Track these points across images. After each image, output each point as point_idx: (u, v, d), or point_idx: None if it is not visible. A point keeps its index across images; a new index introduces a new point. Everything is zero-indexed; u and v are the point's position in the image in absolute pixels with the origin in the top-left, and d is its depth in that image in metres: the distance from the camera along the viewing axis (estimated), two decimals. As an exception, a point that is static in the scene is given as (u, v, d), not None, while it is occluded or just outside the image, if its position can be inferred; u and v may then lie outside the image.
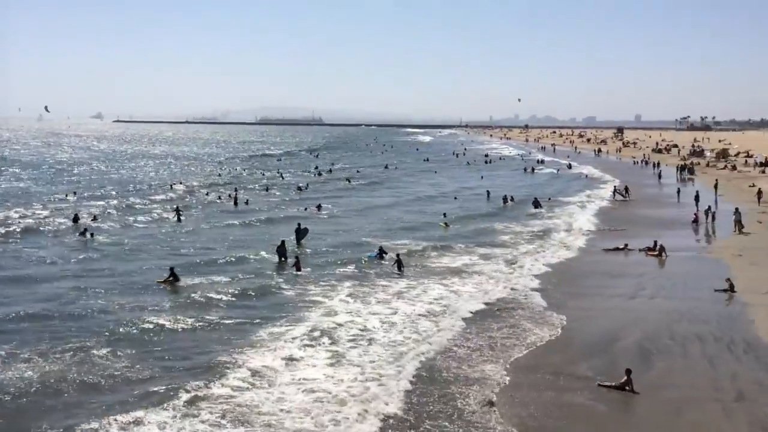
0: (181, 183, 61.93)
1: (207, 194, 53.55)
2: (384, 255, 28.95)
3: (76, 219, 37.89)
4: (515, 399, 14.52)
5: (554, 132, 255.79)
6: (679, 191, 52.56)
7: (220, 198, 51.48)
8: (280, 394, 14.55)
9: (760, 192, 46.87)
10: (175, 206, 43.39)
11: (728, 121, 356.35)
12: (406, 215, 44.13)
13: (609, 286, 24.78)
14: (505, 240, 34.28)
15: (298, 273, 26.12)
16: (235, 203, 48.01)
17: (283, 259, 28.29)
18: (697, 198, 44.61)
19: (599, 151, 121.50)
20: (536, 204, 46.63)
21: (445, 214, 41.93)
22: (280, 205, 48.69)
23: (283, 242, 29.22)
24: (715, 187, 52.39)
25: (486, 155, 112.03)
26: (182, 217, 40.14)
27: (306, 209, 45.42)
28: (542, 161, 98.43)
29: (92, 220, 38.48)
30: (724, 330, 18.94)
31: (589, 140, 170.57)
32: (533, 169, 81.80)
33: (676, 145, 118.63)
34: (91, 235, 33.36)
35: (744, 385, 14.94)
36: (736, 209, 37.05)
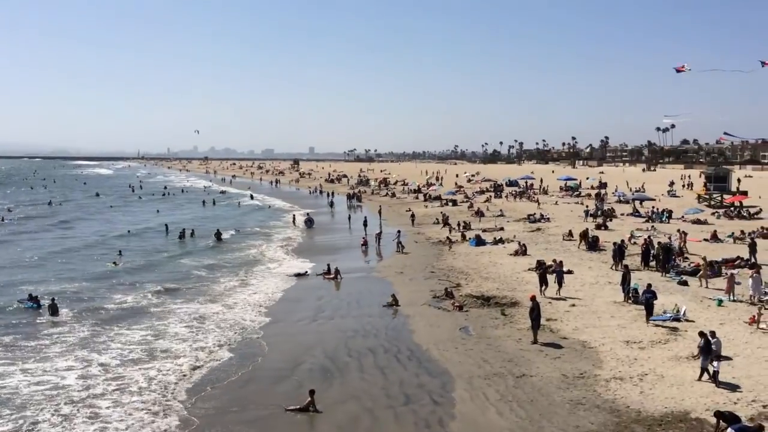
0: None
1: None
2: (40, 303, 25.75)
3: None
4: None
5: (234, 164, 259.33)
6: (350, 218, 57.31)
7: None
8: None
9: (413, 215, 53.88)
10: None
11: (387, 153, 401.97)
12: (74, 256, 40.15)
13: (294, 310, 25.79)
14: (202, 276, 33.34)
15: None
16: None
17: None
18: (365, 223, 49.25)
19: (278, 182, 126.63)
20: (218, 236, 46.40)
21: (120, 252, 39.33)
22: None
23: None
24: (379, 212, 58.53)
25: (165, 188, 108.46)
26: None
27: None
28: (224, 192, 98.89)
29: None
30: (391, 341, 21.09)
31: (268, 171, 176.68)
32: (214, 202, 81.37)
33: (345, 175, 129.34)
34: None
35: (409, 389, 16.82)
36: (398, 231, 41.90)
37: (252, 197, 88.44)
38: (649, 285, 22.17)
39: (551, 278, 25.85)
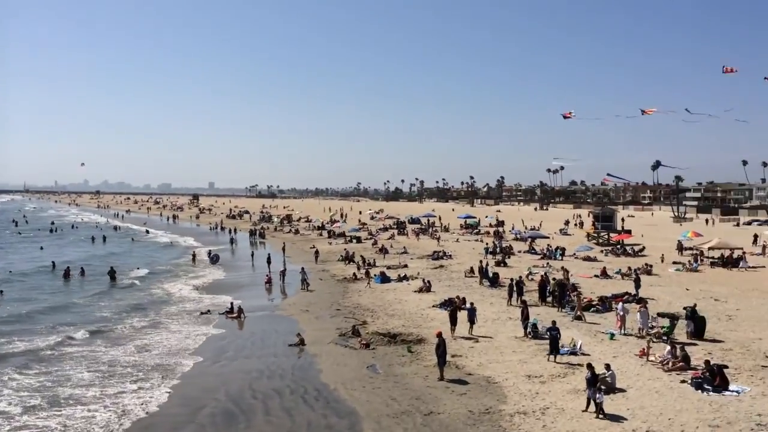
0: None
1: None
2: None
3: None
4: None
5: (129, 198, 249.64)
6: (253, 254, 56.25)
7: None
8: None
9: (317, 252, 53.57)
10: None
11: (290, 189, 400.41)
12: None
13: (196, 352, 24.63)
14: (105, 316, 31.45)
15: None
16: None
17: None
18: (269, 260, 48.46)
19: (176, 217, 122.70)
20: (112, 275, 44.08)
21: (1, 292, 36.53)
22: None
23: None
24: (283, 249, 57.81)
25: (52, 223, 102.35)
26: None
27: None
28: (117, 228, 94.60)
29: None
30: (298, 382, 20.64)
31: (166, 207, 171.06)
32: (104, 238, 77.22)
33: (247, 212, 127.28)
34: None
35: (317, 431, 16.48)
36: (302, 269, 41.44)
37: (148, 232, 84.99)
38: (554, 322, 22.76)
39: (461, 316, 25.86)
